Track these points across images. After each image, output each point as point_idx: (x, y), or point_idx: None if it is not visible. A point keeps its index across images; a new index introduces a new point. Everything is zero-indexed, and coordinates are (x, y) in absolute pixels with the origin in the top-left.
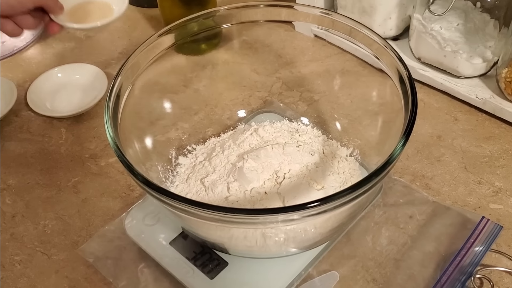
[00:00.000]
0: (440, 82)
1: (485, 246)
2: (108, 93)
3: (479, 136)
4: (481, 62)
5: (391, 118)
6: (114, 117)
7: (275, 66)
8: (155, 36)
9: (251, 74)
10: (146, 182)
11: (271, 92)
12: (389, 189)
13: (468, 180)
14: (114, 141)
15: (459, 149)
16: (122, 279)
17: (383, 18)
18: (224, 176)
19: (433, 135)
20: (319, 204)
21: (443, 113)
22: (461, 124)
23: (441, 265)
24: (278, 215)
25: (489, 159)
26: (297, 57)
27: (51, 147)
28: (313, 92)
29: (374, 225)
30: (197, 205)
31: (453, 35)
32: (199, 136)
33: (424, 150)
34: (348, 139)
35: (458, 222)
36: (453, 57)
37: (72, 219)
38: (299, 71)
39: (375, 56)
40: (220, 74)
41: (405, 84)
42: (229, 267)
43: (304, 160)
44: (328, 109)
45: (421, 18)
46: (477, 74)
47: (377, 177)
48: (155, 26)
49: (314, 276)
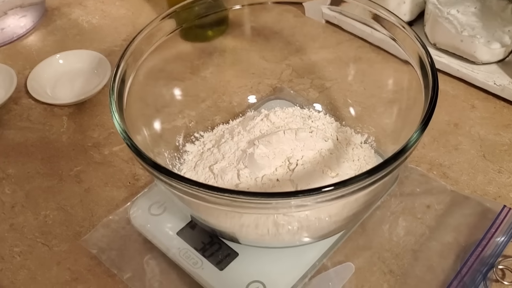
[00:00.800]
0: (457, 68)
1: (507, 236)
2: (112, 77)
3: (498, 124)
4: (499, 47)
5: (408, 106)
6: (119, 102)
7: (285, 53)
8: (158, 19)
9: (259, 61)
10: (156, 165)
11: (280, 79)
12: (406, 178)
13: (487, 168)
14: (120, 126)
15: (477, 137)
16: (127, 271)
17: (397, 3)
18: (234, 163)
19: (450, 123)
20: (334, 188)
21: (460, 100)
22: (479, 112)
23: (461, 256)
24: (291, 199)
25: (509, 147)
26: (307, 43)
27: (52, 135)
28: (324, 80)
29: (390, 215)
30: (208, 188)
31: (470, 20)
32: (206, 123)
33: (441, 138)
34: (362, 127)
35: (478, 211)
36: (470, 41)
37: (74, 209)
38: (310, 58)
39: (394, 40)
40: (227, 61)
41: (427, 70)
42: (239, 258)
43: (317, 146)
44: (341, 96)
45: (437, 2)
46: (495, 60)
47: (393, 163)
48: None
49: (329, 267)
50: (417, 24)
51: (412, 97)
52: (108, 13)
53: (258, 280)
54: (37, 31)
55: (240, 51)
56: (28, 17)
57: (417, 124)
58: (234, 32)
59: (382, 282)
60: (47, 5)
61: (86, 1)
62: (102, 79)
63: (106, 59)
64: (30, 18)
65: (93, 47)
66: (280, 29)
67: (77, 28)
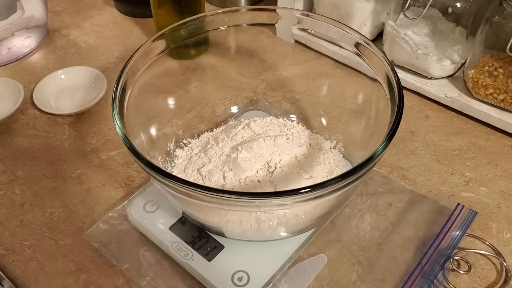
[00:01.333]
0: (412, 82)
1: (462, 231)
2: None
3: (449, 131)
4: (449, 64)
5: (374, 116)
6: (120, 111)
7: (259, 69)
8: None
9: (237, 76)
10: (152, 166)
11: (256, 92)
12: (370, 179)
13: (441, 171)
14: (122, 131)
15: (431, 143)
16: (125, 262)
17: (359, 25)
18: (219, 166)
19: (407, 131)
20: (311, 190)
21: (415, 110)
22: (432, 121)
23: (421, 249)
24: (272, 199)
25: (459, 152)
26: (279, 61)
27: (55, 142)
28: (294, 92)
29: (357, 212)
30: (200, 188)
31: (424, 40)
32: (193, 131)
33: (400, 144)
34: (330, 134)
35: (434, 209)
36: (424, 59)
37: (77, 207)
38: (281, 74)
39: (361, 58)
40: (209, 77)
41: (393, 88)
42: (225, 250)
43: (293, 152)
44: (310, 107)
45: (394, 24)
46: (446, 75)
47: (363, 169)
48: (148, 34)
49: (304, 259)
50: (376, 43)
51: (377, 108)
52: (103, 34)
53: (242, 270)
54: (40, 50)
55: (219, 67)
56: (32, 38)
57: (384, 135)
58: (214, 51)
59: (351, 271)
60: (49, 27)
61: (83, 23)
62: (99, 92)
63: (103, 74)
64: (34, 39)
65: (90, 64)
66: (255, 48)
67: (75, 47)
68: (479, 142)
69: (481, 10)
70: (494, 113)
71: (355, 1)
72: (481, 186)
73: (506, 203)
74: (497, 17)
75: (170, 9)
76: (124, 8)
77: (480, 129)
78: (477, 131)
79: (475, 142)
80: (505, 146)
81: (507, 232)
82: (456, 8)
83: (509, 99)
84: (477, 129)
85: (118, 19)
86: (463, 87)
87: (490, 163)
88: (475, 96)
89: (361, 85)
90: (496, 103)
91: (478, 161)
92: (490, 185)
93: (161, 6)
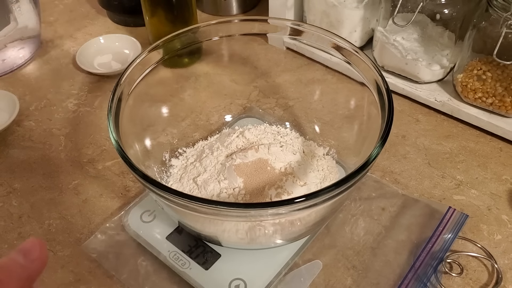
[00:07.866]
0: (402, 87)
1: (453, 234)
2: (110, 99)
3: (439, 135)
4: (439, 68)
5: (366, 122)
6: (115, 121)
7: (252, 77)
8: (146, 51)
9: (230, 84)
10: (147, 178)
11: (249, 99)
12: (363, 184)
13: (432, 174)
14: (117, 142)
15: (422, 147)
16: (123, 272)
17: (349, 31)
18: (215, 175)
19: (398, 135)
20: (305, 199)
21: (406, 115)
22: (422, 125)
23: (414, 252)
24: (268, 209)
25: (450, 155)
26: (271, 68)
27: (52, 153)
28: (287, 99)
29: (351, 217)
30: (195, 199)
31: (413, 45)
32: (188, 139)
33: (391, 148)
34: (323, 140)
35: (426, 212)
36: (414, 64)
37: (74, 218)
38: (274, 81)
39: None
40: (202, 85)
41: (383, 94)
42: (222, 258)
43: (287, 159)
44: (302, 113)
45: (384, 30)
46: (436, 80)
47: (358, 175)
48: (141, 43)
49: (300, 265)
50: (366, 49)
51: (368, 113)
52: None
53: (239, 278)
54: (34, 61)
55: (213, 75)
56: (26, 49)
57: (376, 140)
58: (207, 59)
59: (346, 276)
60: (42, 38)
61: (76, 33)
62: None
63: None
64: (27, 50)
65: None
66: (247, 56)
67: (69, 57)
68: (469, 145)
69: (468, 16)
70: (483, 116)
71: (345, 8)
72: (471, 189)
73: (496, 205)
74: (483, 23)
75: (162, 18)
76: (117, 17)
77: (470, 132)
78: (467, 134)
79: (465, 145)
80: (495, 149)
81: (498, 234)
82: (444, 14)
83: (497, 102)
84: (467, 132)
85: (111, 28)
86: (453, 91)
87: (480, 165)
88: (465, 100)
89: (352, 91)
90: (485, 106)
91: (469, 164)
92: (480, 188)
93: (153, 15)
